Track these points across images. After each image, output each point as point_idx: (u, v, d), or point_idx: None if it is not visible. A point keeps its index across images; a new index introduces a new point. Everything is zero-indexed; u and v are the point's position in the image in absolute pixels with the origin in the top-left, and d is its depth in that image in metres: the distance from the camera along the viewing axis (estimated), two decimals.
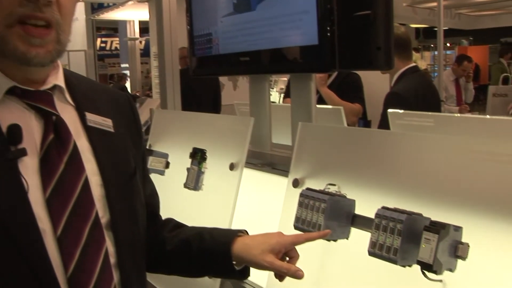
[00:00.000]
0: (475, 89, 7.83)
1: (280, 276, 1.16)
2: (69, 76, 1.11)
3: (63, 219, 0.96)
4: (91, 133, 1.07)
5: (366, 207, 1.23)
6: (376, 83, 3.75)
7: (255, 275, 1.85)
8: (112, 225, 1.04)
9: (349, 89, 3.57)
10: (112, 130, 1.12)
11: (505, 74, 8.70)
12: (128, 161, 1.14)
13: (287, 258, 1.18)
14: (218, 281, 1.68)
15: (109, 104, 1.17)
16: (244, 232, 1.23)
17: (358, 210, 1.28)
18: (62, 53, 1.03)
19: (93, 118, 1.09)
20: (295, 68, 1.82)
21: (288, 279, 1.14)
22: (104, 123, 1.11)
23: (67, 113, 1.06)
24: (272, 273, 1.55)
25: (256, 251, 1.14)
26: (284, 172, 1.65)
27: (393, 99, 2.80)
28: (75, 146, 1.02)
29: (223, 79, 6.84)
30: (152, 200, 1.28)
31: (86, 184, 1.01)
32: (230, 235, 1.20)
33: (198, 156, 1.88)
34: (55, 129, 1.01)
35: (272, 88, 7.51)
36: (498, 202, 1.06)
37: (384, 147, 1.32)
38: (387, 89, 3.15)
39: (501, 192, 1.06)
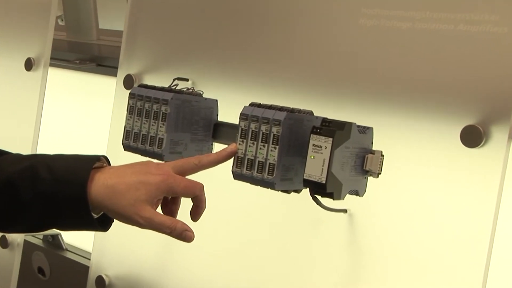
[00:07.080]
0: None
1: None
2: None
3: None
4: None
5: (236, 110, 0.88)
6: None
7: (80, 238, 1.45)
8: None
9: None
10: None
11: None
12: None
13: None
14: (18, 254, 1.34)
15: None
16: (103, 159, 0.82)
17: (224, 117, 0.98)
18: None
19: None
20: None
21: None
22: None
23: None
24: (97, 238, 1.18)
25: (125, 200, 0.77)
26: (116, 70, 1.30)
27: None
28: None
29: None
30: None
31: None
32: (82, 171, 0.78)
33: None
34: None
35: None
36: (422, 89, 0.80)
37: (259, 16, 0.99)
38: None
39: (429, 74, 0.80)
